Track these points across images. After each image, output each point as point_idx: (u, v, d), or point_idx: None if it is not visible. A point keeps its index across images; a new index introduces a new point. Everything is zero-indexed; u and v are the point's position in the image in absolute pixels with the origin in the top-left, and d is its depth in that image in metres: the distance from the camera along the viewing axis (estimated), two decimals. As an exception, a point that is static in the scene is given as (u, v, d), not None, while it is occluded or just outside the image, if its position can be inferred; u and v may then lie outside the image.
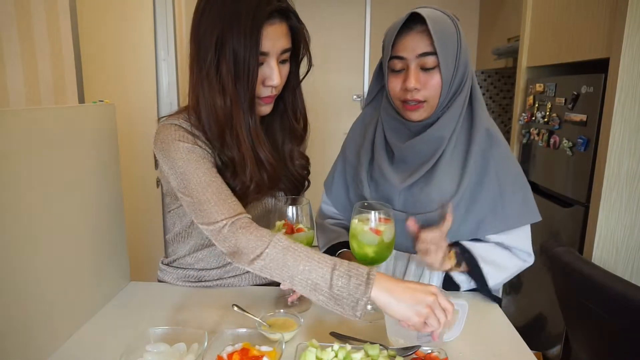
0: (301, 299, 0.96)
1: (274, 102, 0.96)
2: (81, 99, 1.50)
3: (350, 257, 0.98)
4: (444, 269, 0.94)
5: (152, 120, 2.42)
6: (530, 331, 2.18)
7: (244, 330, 0.79)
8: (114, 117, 1.02)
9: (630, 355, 1.14)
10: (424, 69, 0.91)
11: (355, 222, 0.90)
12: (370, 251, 0.88)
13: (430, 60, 0.90)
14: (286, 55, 0.88)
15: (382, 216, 0.88)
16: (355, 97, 3.66)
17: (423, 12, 0.89)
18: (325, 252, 1.06)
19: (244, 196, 0.92)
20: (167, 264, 1.12)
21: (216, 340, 0.75)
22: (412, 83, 0.91)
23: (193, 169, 0.86)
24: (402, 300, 0.73)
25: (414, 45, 0.90)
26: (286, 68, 0.91)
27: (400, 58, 0.92)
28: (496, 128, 1.00)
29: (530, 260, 1.02)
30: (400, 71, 0.94)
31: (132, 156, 2.10)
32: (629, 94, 1.60)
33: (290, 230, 0.92)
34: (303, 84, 1.02)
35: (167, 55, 2.36)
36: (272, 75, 0.85)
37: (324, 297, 0.76)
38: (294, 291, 0.91)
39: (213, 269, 1.09)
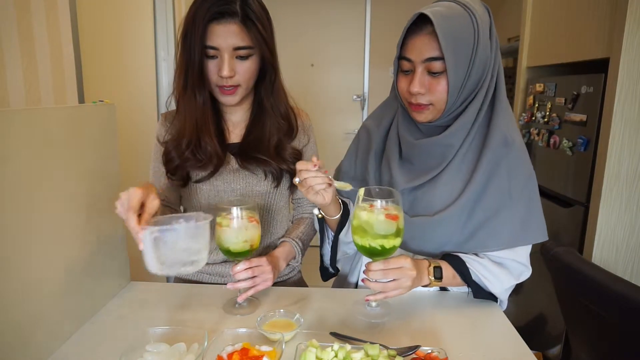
0: (249, 300, 0.96)
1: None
2: (81, 99, 1.50)
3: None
4: (420, 285, 0.91)
5: (152, 120, 2.43)
6: (530, 331, 2.18)
7: (244, 330, 0.80)
8: (114, 117, 1.02)
9: (630, 355, 1.13)
10: (431, 72, 0.87)
11: (363, 214, 0.84)
12: (385, 242, 0.82)
13: (437, 65, 0.86)
14: (243, 52, 0.96)
15: (391, 205, 0.83)
16: (355, 97, 3.65)
17: (432, 11, 0.84)
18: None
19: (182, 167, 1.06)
20: None
21: (216, 340, 0.76)
22: (415, 87, 0.88)
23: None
24: None
25: (420, 48, 0.86)
26: (245, 64, 0.98)
27: (408, 60, 0.89)
28: (516, 133, 0.93)
29: (526, 274, 0.99)
30: (408, 72, 0.91)
31: (132, 156, 2.10)
32: (629, 94, 1.60)
33: None
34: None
35: (167, 55, 2.36)
36: (222, 66, 0.95)
37: None
38: (241, 291, 0.94)
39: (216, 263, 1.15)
